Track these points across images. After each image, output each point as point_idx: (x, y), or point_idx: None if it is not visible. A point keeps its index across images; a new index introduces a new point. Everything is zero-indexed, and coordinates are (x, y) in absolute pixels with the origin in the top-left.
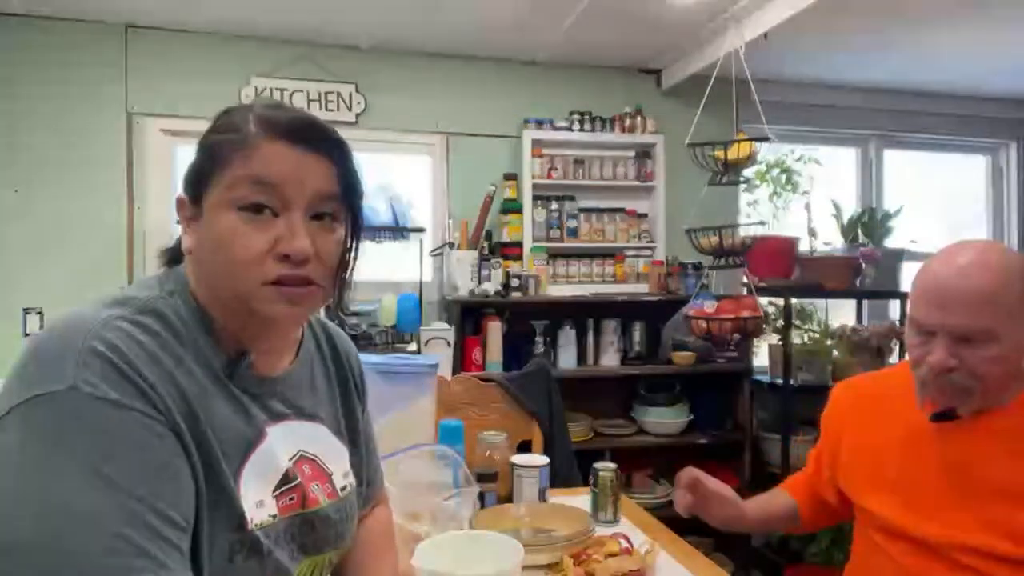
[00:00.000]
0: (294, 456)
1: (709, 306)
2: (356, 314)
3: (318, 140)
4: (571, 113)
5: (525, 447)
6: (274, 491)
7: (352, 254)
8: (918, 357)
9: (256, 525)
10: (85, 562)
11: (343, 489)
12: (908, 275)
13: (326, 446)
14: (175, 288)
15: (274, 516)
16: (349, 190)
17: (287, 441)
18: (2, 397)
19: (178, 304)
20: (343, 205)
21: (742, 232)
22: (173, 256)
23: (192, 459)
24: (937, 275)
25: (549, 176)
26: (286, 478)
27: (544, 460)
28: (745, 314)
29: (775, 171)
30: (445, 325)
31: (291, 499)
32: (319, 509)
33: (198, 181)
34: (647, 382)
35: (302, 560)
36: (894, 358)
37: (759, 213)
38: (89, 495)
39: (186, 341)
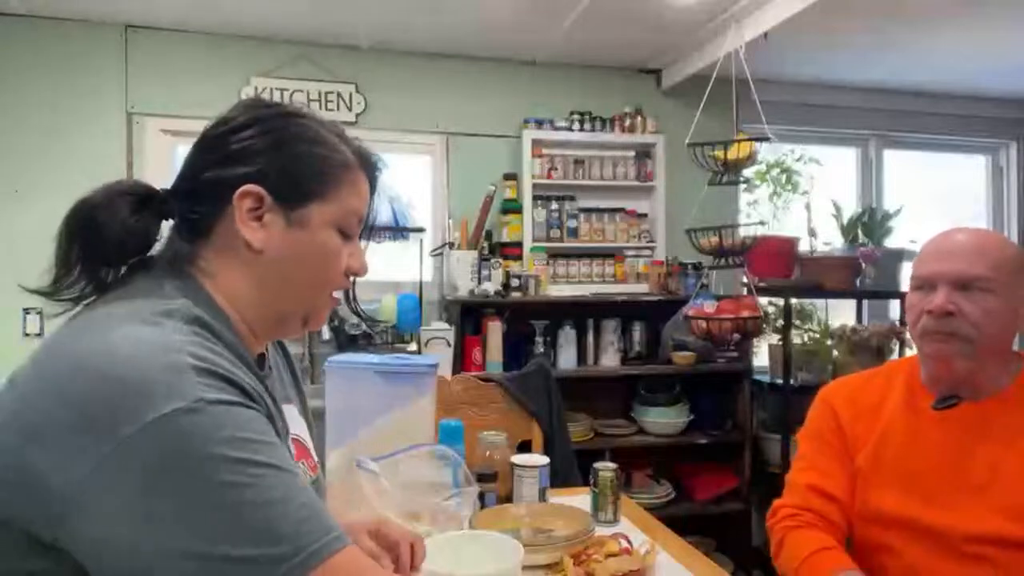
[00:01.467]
0: (289, 439)
1: (709, 306)
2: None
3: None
4: (571, 113)
5: (525, 447)
6: None
7: None
8: (919, 311)
9: None
10: (296, 537)
11: (318, 464)
12: (908, 275)
13: (301, 426)
14: (188, 291)
15: None
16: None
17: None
18: (84, 443)
19: (204, 308)
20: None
21: (742, 232)
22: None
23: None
24: (937, 238)
25: (549, 176)
26: None
27: (544, 460)
28: (745, 314)
29: (775, 171)
30: (445, 325)
31: None
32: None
33: (294, 186)
34: (647, 382)
35: None
36: (894, 358)
37: (759, 213)
38: (270, 481)
39: (226, 343)
